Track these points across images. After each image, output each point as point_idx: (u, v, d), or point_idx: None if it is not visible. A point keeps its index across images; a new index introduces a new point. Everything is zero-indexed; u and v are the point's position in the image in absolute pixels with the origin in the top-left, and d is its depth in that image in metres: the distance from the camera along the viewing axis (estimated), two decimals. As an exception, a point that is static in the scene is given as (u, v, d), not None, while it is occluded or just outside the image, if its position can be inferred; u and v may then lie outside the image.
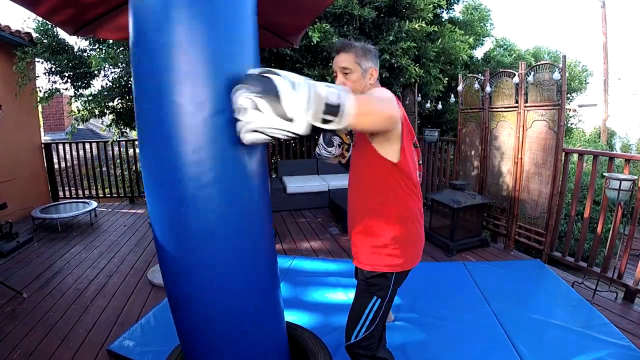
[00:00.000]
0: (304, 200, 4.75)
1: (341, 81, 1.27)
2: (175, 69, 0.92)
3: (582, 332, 1.95)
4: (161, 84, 0.93)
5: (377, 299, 1.26)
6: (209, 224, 0.99)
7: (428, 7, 4.17)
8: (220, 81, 0.95)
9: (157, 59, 0.93)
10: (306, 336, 1.44)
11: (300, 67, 4.13)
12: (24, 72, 4.04)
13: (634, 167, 6.68)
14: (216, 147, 0.96)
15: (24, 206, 4.36)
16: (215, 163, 0.97)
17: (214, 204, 0.99)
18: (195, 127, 0.94)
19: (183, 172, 0.95)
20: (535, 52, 6.43)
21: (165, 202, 1.00)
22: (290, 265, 2.83)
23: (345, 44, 1.27)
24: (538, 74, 2.95)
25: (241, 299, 1.06)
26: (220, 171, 0.98)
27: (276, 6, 2.10)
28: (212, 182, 0.96)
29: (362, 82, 1.27)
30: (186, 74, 0.92)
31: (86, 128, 9.15)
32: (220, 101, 0.95)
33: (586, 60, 10.32)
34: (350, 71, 1.25)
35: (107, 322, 2.14)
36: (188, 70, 0.93)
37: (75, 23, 2.06)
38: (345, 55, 1.26)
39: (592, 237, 4.07)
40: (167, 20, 0.91)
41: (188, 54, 0.92)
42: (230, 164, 1.00)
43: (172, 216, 1.00)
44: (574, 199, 2.86)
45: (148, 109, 0.98)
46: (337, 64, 1.28)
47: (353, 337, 1.29)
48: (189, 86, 0.93)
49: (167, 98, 0.93)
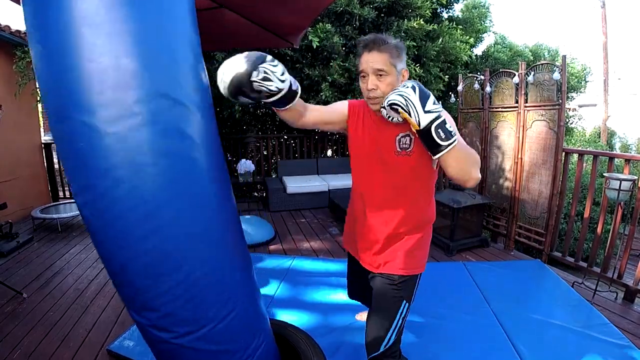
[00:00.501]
0: (304, 200, 4.75)
1: (374, 84, 1.13)
2: (82, 72, 0.77)
3: (582, 332, 1.95)
4: (67, 96, 0.79)
5: (405, 302, 1.25)
6: (159, 256, 0.88)
7: (425, 4, 4.17)
8: (142, 83, 0.80)
9: (57, 60, 0.78)
10: (299, 336, 1.37)
11: (301, 67, 4.13)
12: (24, 72, 4.04)
13: (634, 167, 6.68)
14: (151, 171, 0.84)
15: (24, 206, 4.35)
16: (153, 191, 0.85)
17: (161, 233, 0.87)
18: (115, 150, 0.81)
19: (115, 209, 0.84)
20: (535, 50, 6.41)
21: (108, 236, 0.88)
22: (290, 265, 2.83)
23: (379, 40, 1.12)
24: (538, 74, 2.95)
25: (215, 324, 0.96)
26: (161, 200, 0.86)
27: (276, 6, 2.10)
28: (151, 215, 0.86)
29: (396, 85, 1.13)
30: (95, 78, 0.78)
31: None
32: (146, 109, 0.80)
33: (586, 60, 10.33)
34: (385, 73, 1.12)
35: (107, 322, 2.14)
36: (95, 70, 0.77)
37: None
38: (380, 55, 1.12)
39: (592, 237, 4.07)
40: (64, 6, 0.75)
41: (98, 50, 0.76)
42: (173, 184, 0.88)
43: (118, 251, 0.89)
44: (574, 199, 2.86)
45: (59, 132, 0.83)
46: (368, 64, 1.13)
47: (383, 346, 1.22)
48: (102, 94, 0.78)
49: (74, 117, 0.80)
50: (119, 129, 0.79)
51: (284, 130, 6.27)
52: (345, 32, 3.98)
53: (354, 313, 2.12)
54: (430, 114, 0.96)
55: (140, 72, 0.80)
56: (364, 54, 1.15)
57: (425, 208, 1.28)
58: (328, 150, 6.10)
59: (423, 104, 0.96)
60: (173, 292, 0.90)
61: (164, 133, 0.84)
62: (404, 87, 1.00)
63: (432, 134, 0.97)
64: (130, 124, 0.79)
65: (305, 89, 4.40)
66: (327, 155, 6.07)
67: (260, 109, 5.74)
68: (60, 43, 0.76)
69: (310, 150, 5.65)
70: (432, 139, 0.98)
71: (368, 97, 1.17)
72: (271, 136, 5.63)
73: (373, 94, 1.14)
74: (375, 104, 1.16)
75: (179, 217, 0.88)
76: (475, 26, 5.53)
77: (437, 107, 0.98)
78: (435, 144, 0.98)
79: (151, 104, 0.81)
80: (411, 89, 0.98)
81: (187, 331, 0.93)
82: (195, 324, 0.94)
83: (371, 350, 1.25)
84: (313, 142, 5.71)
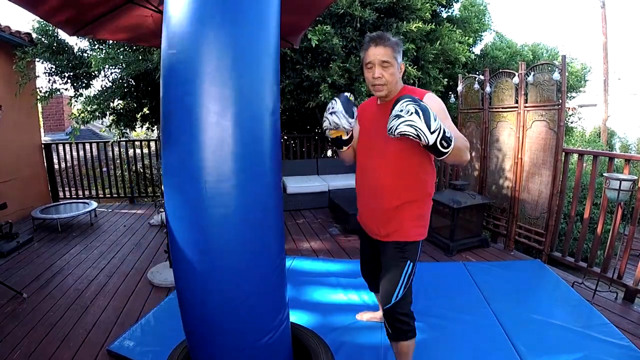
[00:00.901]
0: (304, 200, 4.75)
1: (379, 73, 1.33)
2: (201, 72, 0.97)
3: (582, 332, 1.95)
4: (187, 85, 0.98)
5: (410, 262, 1.44)
6: (225, 226, 1.03)
7: (425, 5, 4.17)
8: (243, 84, 1.00)
9: (184, 61, 0.98)
10: (308, 335, 1.45)
11: (301, 68, 4.13)
12: (24, 72, 4.05)
13: (634, 167, 6.68)
14: (235, 150, 1.00)
15: (24, 206, 4.36)
16: (234, 167, 1.01)
17: (231, 204, 1.02)
18: (217, 136, 0.99)
19: (203, 175, 0.99)
20: (534, 49, 6.39)
21: (183, 201, 1.04)
22: (290, 266, 2.83)
23: (384, 36, 1.33)
24: (538, 74, 2.95)
25: (249, 293, 1.08)
26: (237, 172, 1.02)
27: (276, 6, 2.10)
28: (229, 177, 1.01)
29: (397, 75, 1.36)
30: (210, 76, 0.97)
31: (86, 128, 9.15)
32: (241, 112, 1.00)
33: (586, 60, 10.32)
34: (388, 65, 1.33)
35: (107, 322, 2.14)
36: (212, 72, 0.97)
37: (75, 24, 2.07)
38: (385, 49, 1.32)
39: (592, 237, 4.07)
40: (198, 31, 0.97)
41: (214, 59, 0.97)
42: (247, 167, 1.03)
43: (189, 215, 1.03)
44: (574, 199, 2.86)
45: (174, 110, 1.02)
46: (375, 56, 1.33)
47: (393, 298, 1.41)
48: (213, 89, 0.98)
49: (191, 98, 0.98)
50: (221, 114, 0.99)
51: (284, 130, 6.28)
52: (345, 33, 3.98)
53: (354, 313, 2.13)
54: (435, 132, 1.08)
55: (245, 75, 1.02)
56: (370, 48, 1.34)
57: (424, 181, 1.42)
58: (328, 151, 6.11)
59: (428, 126, 1.07)
60: (230, 245, 1.05)
61: (251, 122, 1.04)
62: (408, 115, 1.08)
63: (437, 147, 1.10)
64: (232, 112, 1.00)
65: (305, 90, 4.40)
66: (327, 155, 6.07)
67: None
68: (193, 50, 0.99)
69: (310, 151, 5.66)
70: (438, 150, 1.11)
71: (373, 85, 1.37)
72: (271, 136, 5.62)
73: (378, 81, 1.35)
74: (380, 90, 1.37)
75: (245, 186, 1.04)
76: (473, 25, 5.52)
77: (437, 122, 1.09)
78: (440, 152, 1.12)
79: (247, 100, 1.03)
80: (415, 115, 1.07)
81: (231, 287, 1.06)
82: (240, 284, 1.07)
83: (385, 303, 1.45)
84: (313, 142, 5.71)
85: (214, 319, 1.08)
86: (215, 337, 1.09)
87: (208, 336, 1.10)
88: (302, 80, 4.28)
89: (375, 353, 1.81)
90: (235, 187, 1.01)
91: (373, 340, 1.90)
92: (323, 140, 5.80)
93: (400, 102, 1.10)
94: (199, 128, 0.97)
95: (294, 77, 4.27)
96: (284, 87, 4.29)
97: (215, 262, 1.04)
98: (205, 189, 0.98)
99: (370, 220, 1.52)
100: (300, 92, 4.51)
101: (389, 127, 1.10)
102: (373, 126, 1.44)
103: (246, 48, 1.01)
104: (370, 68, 1.36)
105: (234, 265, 1.05)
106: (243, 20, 0.99)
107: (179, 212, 1.05)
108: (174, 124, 1.02)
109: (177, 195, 1.05)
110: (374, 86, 1.38)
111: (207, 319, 1.08)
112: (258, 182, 1.06)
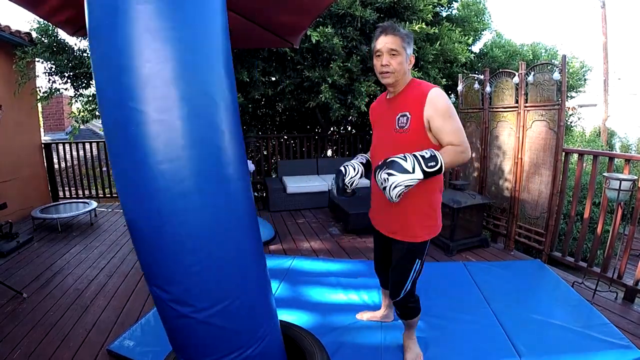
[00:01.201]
0: (304, 200, 4.75)
1: (387, 61, 1.37)
2: (134, 72, 0.89)
3: (582, 332, 1.95)
4: (121, 90, 0.90)
5: (418, 260, 1.53)
6: (186, 235, 0.97)
7: (428, 7, 4.17)
8: (186, 82, 0.93)
9: (115, 61, 0.89)
10: (303, 336, 1.44)
11: (301, 68, 4.13)
12: (23, 71, 4.04)
13: (634, 167, 6.68)
14: (188, 154, 0.94)
15: (24, 206, 4.36)
16: (189, 172, 0.95)
17: (192, 212, 0.97)
18: (163, 136, 0.92)
19: (154, 184, 0.93)
20: (533, 48, 6.39)
21: (139, 215, 0.98)
22: (290, 266, 2.83)
23: (394, 27, 1.37)
24: (538, 74, 2.95)
25: (229, 306, 1.04)
26: (195, 181, 0.96)
27: (276, 6, 2.11)
28: (186, 193, 0.95)
29: (404, 65, 1.39)
30: (146, 77, 0.89)
31: (86, 128, 9.15)
32: (187, 104, 0.93)
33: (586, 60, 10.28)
34: (397, 53, 1.37)
35: (107, 322, 2.14)
36: (147, 72, 0.89)
37: (75, 23, 2.07)
38: (394, 38, 1.36)
39: (591, 237, 4.07)
40: (121, 13, 0.87)
41: (147, 55, 0.89)
42: (205, 171, 0.97)
43: (147, 229, 0.98)
44: (573, 199, 2.86)
45: (110, 117, 0.95)
46: (384, 44, 1.37)
47: (402, 292, 1.56)
48: (151, 90, 0.90)
49: (128, 105, 0.90)
50: (166, 117, 0.92)
51: (284, 130, 6.27)
52: (346, 33, 3.98)
53: (354, 313, 2.13)
54: (415, 167, 1.20)
55: (187, 73, 0.94)
56: (380, 37, 1.39)
57: (436, 182, 1.46)
58: (328, 150, 6.11)
59: (406, 171, 1.19)
60: (195, 268, 1.00)
61: (202, 124, 0.97)
62: (387, 182, 1.20)
63: (430, 173, 1.22)
64: (176, 114, 0.93)
65: (306, 90, 4.40)
66: (327, 155, 6.07)
67: (260, 109, 5.75)
68: (124, 45, 0.89)
69: (310, 150, 5.65)
70: (433, 173, 1.23)
71: (381, 72, 1.41)
72: (271, 136, 5.63)
73: (386, 69, 1.39)
74: (387, 77, 1.41)
75: (207, 201, 0.99)
76: (472, 24, 5.51)
77: (409, 158, 1.21)
78: (438, 172, 1.24)
79: (194, 100, 0.95)
80: (392, 177, 1.19)
81: (203, 306, 1.02)
82: (211, 300, 1.03)
83: (394, 296, 1.59)
84: (313, 142, 5.71)
85: (196, 332, 1.05)
86: (200, 351, 1.07)
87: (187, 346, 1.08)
88: (302, 81, 4.28)
89: (375, 353, 1.81)
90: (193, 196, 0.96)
91: (373, 341, 1.90)
92: (323, 140, 5.80)
93: (376, 175, 1.24)
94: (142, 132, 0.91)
95: (295, 78, 4.27)
96: (284, 87, 4.29)
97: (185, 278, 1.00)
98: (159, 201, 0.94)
99: (381, 217, 1.59)
100: (300, 92, 4.50)
101: (389, 198, 1.22)
102: (383, 121, 1.51)
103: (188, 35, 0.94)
104: (379, 56, 1.39)
105: (207, 277, 1.02)
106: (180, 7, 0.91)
107: (136, 226, 1.02)
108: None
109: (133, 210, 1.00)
110: (382, 74, 1.41)
111: (189, 333, 1.06)
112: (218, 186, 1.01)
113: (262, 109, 5.79)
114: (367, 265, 2.82)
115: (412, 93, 1.41)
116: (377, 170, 1.24)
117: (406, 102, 1.41)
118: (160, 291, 1.02)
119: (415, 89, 1.41)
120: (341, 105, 4.16)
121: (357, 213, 3.64)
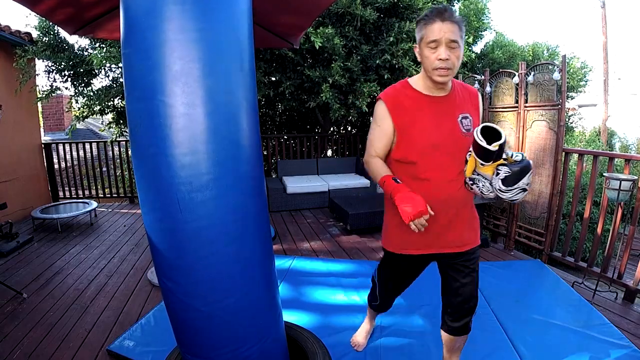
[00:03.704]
0: (304, 200, 4.75)
1: (446, 54, 1.10)
2: (166, 68, 0.93)
3: (582, 332, 1.95)
4: (152, 84, 0.94)
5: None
6: (202, 227, 1.00)
7: (427, 5, 4.17)
8: (213, 81, 0.96)
9: (147, 58, 0.94)
10: (305, 336, 1.44)
11: (302, 69, 4.13)
12: (24, 69, 4.04)
13: (634, 167, 6.68)
14: (209, 148, 0.97)
15: (24, 206, 4.36)
16: (209, 166, 0.97)
17: (208, 207, 0.99)
18: (187, 129, 0.95)
19: (175, 175, 0.96)
20: (533, 48, 6.39)
21: (158, 205, 1.00)
22: (290, 266, 2.83)
23: (451, 10, 1.11)
24: (538, 74, 2.95)
25: (238, 301, 1.06)
26: (214, 175, 0.98)
27: (276, 6, 2.11)
28: (205, 186, 0.97)
29: (460, 61, 1.15)
30: (177, 73, 0.93)
31: (86, 128, 9.14)
32: (212, 101, 0.96)
33: (586, 60, 10.26)
34: (457, 46, 1.11)
35: (107, 322, 2.14)
36: (179, 69, 0.93)
37: (75, 22, 2.07)
38: (453, 26, 1.09)
39: (591, 237, 4.07)
40: (157, 17, 0.92)
41: (179, 53, 0.93)
42: (224, 166, 1.00)
43: (165, 220, 1.00)
44: (574, 199, 2.86)
45: (138, 109, 0.99)
46: (443, 33, 1.09)
47: (476, 305, 1.38)
48: (180, 86, 0.94)
49: (157, 98, 0.94)
50: (191, 112, 0.96)
51: (284, 130, 6.28)
52: (346, 32, 3.97)
53: (354, 313, 2.12)
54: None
55: (215, 72, 0.98)
56: (436, 23, 1.10)
57: None
58: (328, 150, 6.11)
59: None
60: (210, 259, 1.02)
61: (225, 121, 1.01)
62: (527, 185, 1.13)
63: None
64: (201, 110, 0.97)
65: (306, 90, 4.40)
66: (327, 155, 6.07)
67: (260, 109, 5.75)
68: (157, 43, 0.94)
69: (310, 150, 5.65)
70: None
71: (436, 68, 1.13)
72: (271, 136, 5.63)
73: (445, 64, 1.11)
74: (444, 75, 1.13)
75: (224, 195, 1.02)
76: (473, 24, 5.51)
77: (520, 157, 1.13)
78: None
79: (219, 97, 0.99)
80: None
81: (214, 299, 1.05)
82: (221, 293, 1.06)
83: (470, 312, 1.36)
84: (313, 142, 5.71)
85: (203, 330, 1.07)
86: (206, 348, 1.09)
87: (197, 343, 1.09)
88: (302, 82, 4.28)
89: (375, 353, 1.81)
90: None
91: (372, 341, 1.90)
92: (323, 140, 5.80)
93: (528, 175, 1.12)
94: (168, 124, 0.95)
95: (295, 78, 4.27)
96: (284, 88, 4.29)
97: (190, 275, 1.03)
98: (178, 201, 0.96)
99: (447, 233, 1.29)
100: (300, 92, 4.50)
101: (509, 199, 1.15)
102: (428, 124, 1.20)
103: (217, 40, 0.98)
104: (434, 48, 1.11)
105: (217, 275, 1.04)
106: (209, 12, 0.95)
107: (152, 218, 1.05)
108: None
109: (152, 209, 1.03)
110: (437, 69, 1.12)
111: (197, 330, 1.08)
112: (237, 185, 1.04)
113: (262, 109, 5.80)
114: (367, 265, 2.82)
115: (462, 91, 1.25)
116: (524, 174, 1.11)
117: (463, 102, 1.24)
118: (172, 283, 1.05)
119: (460, 86, 1.27)
120: (341, 105, 4.16)
121: (357, 213, 3.64)
